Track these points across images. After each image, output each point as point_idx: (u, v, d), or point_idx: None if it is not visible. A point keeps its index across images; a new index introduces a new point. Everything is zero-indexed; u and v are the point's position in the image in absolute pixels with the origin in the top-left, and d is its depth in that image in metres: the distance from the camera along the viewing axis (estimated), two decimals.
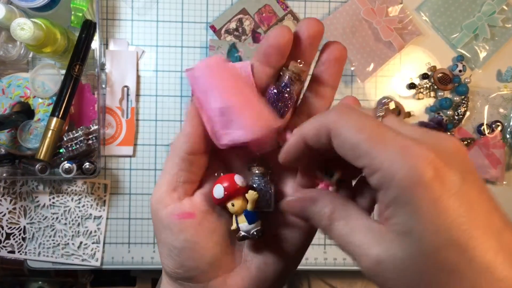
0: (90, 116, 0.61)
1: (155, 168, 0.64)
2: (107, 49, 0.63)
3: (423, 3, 0.66)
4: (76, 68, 0.56)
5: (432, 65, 0.66)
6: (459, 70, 0.64)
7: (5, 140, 0.58)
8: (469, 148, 0.65)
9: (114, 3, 0.63)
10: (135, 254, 0.64)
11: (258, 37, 0.64)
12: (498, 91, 0.66)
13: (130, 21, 0.64)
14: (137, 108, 0.64)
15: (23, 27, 0.50)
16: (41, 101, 0.58)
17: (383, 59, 0.64)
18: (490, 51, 0.66)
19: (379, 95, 0.66)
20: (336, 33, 0.62)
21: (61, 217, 0.63)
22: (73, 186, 0.63)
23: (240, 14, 0.64)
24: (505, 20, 0.65)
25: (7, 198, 0.63)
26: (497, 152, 0.65)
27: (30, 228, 0.63)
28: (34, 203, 0.63)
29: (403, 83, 0.66)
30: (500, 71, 0.67)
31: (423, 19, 0.66)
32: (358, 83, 0.66)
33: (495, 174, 0.65)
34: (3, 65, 0.60)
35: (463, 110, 0.64)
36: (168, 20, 0.64)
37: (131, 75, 0.63)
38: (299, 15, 0.65)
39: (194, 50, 0.64)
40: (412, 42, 0.65)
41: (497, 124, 0.65)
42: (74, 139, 0.57)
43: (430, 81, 0.66)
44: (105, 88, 0.62)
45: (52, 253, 0.63)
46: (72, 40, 0.58)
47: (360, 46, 0.63)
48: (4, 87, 0.58)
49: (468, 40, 0.65)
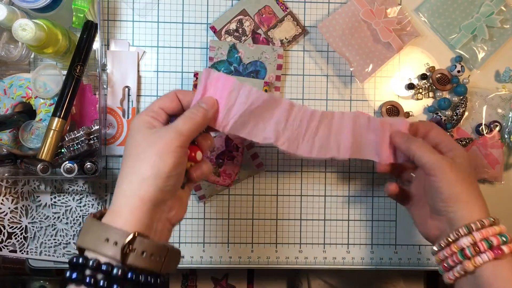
0: (91, 116, 0.61)
1: None
2: (108, 49, 0.63)
3: (421, 4, 0.66)
4: (78, 69, 0.56)
5: (430, 65, 0.66)
6: (457, 71, 0.65)
7: (7, 140, 0.58)
8: (467, 148, 0.66)
9: (115, 4, 0.64)
10: None
11: (258, 38, 0.64)
12: (496, 92, 0.67)
13: (131, 22, 0.64)
14: (138, 108, 0.64)
15: (25, 28, 0.50)
16: (42, 102, 0.58)
17: (382, 60, 0.64)
18: (488, 52, 0.66)
19: (378, 95, 0.66)
20: (335, 34, 0.63)
21: (62, 217, 0.63)
22: (74, 186, 0.63)
23: (240, 15, 0.64)
24: (504, 21, 0.66)
25: (9, 198, 0.63)
26: (496, 152, 0.66)
27: (31, 227, 0.63)
28: (36, 202, 0.63)
29: (402, 83, 0.66)
30: (498, 71, 0.67)
31: (422, 20, 0.66)
32: (357, 84, 0.66)
33: (494, 173, 0.66)
34: (5, 65, 0.61)
35: (461, 111, 0.65)
36: (169, 21, 0.64)
37: (132, 76, 0.63)
38: (299, 16, 0.65)
39: (194, 51, 0.65)
40: (411, 43, 0.66)
41: (495, 124, 0.66)
42: (76, 139, 0.58)
43: (429, 82, 0.66)
44: (106, 89, 0.63)
45: (54, 252, 0.64)
46: (73, 41, 0.58)
47: (359, 47, 0.63)
48: (6, 88, 0.58)
49: (466, 40, 0.66)
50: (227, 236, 0.66)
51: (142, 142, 0.40)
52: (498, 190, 0.67)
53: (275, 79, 0.64)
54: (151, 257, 0.37)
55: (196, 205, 0.65)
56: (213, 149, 0.62)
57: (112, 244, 0.36)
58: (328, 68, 0.66)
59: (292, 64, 0.66)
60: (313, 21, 0.66)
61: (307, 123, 0.52)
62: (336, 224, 0.66)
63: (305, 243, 0.66)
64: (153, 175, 0.39)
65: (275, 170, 0.66)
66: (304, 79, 0.66)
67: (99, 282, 0.35)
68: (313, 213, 0.66)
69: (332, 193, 0.66)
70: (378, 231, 0.66)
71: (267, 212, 0.66)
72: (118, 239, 0.36)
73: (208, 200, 0.65)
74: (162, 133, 0.40)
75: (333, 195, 0.66)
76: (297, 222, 0.66)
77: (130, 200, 0.38)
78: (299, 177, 0.66)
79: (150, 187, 0.38)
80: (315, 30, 0.66)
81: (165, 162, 0.39)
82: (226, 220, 0.66)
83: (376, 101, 0.66)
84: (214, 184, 0.63)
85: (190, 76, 0.64)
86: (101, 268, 0.35)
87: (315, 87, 0.66)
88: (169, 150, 0.39)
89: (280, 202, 0.66)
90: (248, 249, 0.66)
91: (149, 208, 0.38)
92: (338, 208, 0.66)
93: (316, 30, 0.65)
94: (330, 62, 0.66)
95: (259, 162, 0.64)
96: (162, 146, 0.39)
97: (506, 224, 0.49)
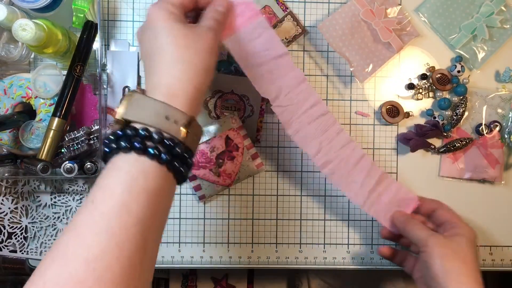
0: (91, 116, 0.61)
1: None
2: (108, 49, 0.63)
3: (421, 4, 0.66)
4: (78, 69, 0.56)
5: (430, 65, 0.66)
6: (457, 71, 0.65)
7: (7, 140, 0.58)
8: (467, 148, 0.66)
9: (115, 5, 0.64)
10: None
11: None
12: (496, 92, 0.67)
13: (131, 22, 0.64)
14: None
15: (25, 28, 0.50)
16: (42, 101, 0.58)
17: (382, 60, 0.64)
18: (488, 52, 0.66)
19: (378, 95, 0.66)
20: (335, 34, 0.63)
21: (62, 217, 0.64)
22: (74, 186, 0.64)
23: None
24: (504, 21, 0.66)
25: (9, 198, 0.63)
26: (496, 152, 0.66)
27: (31, 227, 0.63)
28: (36, 202, 0.63)
29: (402, 83, 0.66)
30: (498, 71, 0.67)
31: (422, 20, 0.66)
32: (357, 84, 0.66)
33: (494, 174, 0.66)
34: (5, 65, 0.61)
35: (461, 111, 0.65)
36: None
37: (132, 76, 0.63)
38: (299, 16, 0.65)
39: None
40: (411, 43, 0.66)
41: (495, 124, 0.66)
42: (76, 139, 0.58)
43: (429, 82, 0.66)
44: (106, 89, 0.63)
45: None
46: (73, 41, 0.58)
47: (359, 47, 0.63)
48: (6, 88, 0.58)
49: (466, 41, 0.66)
50: (227, 236, 0.66)
51: (182, 34, 0.41)
52: (498, 190, 0.67)
53: None
54: (198, 140, 0.40)
55: (196, 205, 0.65)
56: (213, 149, 0.62)
57: (172, 122, 0.37)
58: (328, 68, 0.66)
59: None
60: (313, 21, 0.66)
61: (309, 109, 0.54)
62: (336, 224, 0.66)
63: (305, 243, 0.66)
64: (204, 69, 0.41)
65: (275, 170, 0.66)
66: None
67: (162, 154, 0.36)
68: (313, 213, 0.66)
69: (332, 193, 0.66)
70: (379, 231, 0.66)
71: (267, 212, 0.66)
72: (178, 118, 0.37)
73: (208, 200, 0.65)
74: (202, 31, 0.43)
75: (333, 195, 0.66)
76: (297, 222, 0.66)
77: (185, 86, 0.39)
78: (299, 177, 0.66)
79: (205, 78, 0.41)
80: (315, 30, 0.66)
81: (212, 59, 0.42)
82: (226, 220, 0.66)
83: (376, 101, 0.66)
84: (214, 184, 0.63)
85: None
86: (164, 142, 0.36)
87: (315, 87, 0.66)
88: (214, 48, 0.43)
89: (280, 202, 0.66)
90: (248, 249, 0.66)
91: (200, 96, 0.41)
92: (338, 208, 0.66)
93: (316, 30, 0.65)
94: (330, 62, 0.66)
95: (259, 162, 0.64)
96: (209, 43, 0.42)
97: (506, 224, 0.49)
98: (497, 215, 0.67)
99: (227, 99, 0.63)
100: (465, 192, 0.67)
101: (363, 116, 0.66)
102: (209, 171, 0.62)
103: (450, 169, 0.67)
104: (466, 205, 0.67)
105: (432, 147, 0.65)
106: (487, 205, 0.67)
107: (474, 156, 0.66)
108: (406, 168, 0.67)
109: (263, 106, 0.64)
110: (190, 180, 0.63)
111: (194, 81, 0.40)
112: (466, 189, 0.67)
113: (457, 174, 0.67)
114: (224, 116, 0.63)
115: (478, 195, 0.67)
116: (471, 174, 0.66)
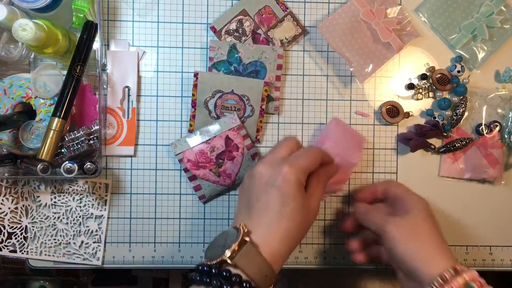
0: (91, 116, 0.61)
1: (156, 168, 0.64)
2: (108, 50, 0.63)
3: (421, 4, 0.66)
4: (78, 69, 0.56)
5: (430, 65, 0.66)
6: (457, 71, 0.65)
7: (7, 140, 0.58)
8: (467, 148, 0.66)
9: (115, 4, 0.64)
10: (136, 253, 0.64)
11: (258, 38, 0.64)
12: (496, 92, 0.67)
13: (131, 22, 0.64)
14: (138, 109, 0.64)
15: (25, 28, 0.50)
16: (42, 102, 0.58)
17: (382, 60, 0.64)
18: (488, 52, 0.66)
19: (378, 95, 0.66)
20: (335, 34, 0.63)
21: (62, 217, 0.64)
22: (74, 186, 0.63)
23: (240, 15, 0.64)
24: (504, 21, 0.66)
25: (9, 198, 0.63)
26: (496, 152, 0.66)
27: (31, 227, 0.63)
28: (36, 202, 0.63)
29: (402, 83, 0.66)
30: (498, 71, 0.67)
31: (422, 20, 0.66)
32: (357, 84, 0.66)
33: (494, 174, 0.66)
34: (4, 65, 0.61)
35: (461, 111, 0.65)
36: (169, 21, 0.64)
37: (132, 76, 0.63)
38: (299, 16, 0.65)
39: (194, 51, 0.65)
40: (410, 43, 0.66)
41: (495, 124, 0.66)
42: (76, 139, 0.58)
43: (429, 82, 0.66)
44: (106, 89, 0.63)
45: (54, 252, 0.64)
46: (73, 41, 0.58)
47: (359, 47, 0.63)
48: (5, 88, 0.58)
49: (466, 41, 0.66)
50: None
51: (300, 205, 0.47)
52: (498, 190, 0.67)
53: (275, 79, 0.64)
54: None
55: (196, 205, 0.65)
56: (213, 149, 0.62)
57: (268, 280, 0.44)
58: (328, 68, 0.66)
59: (292, 64, 0.66)
60: (313, 21, 0.66)
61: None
62: (336, 224, 0.66)
63: (305, 243, 0.66)
64: (300, 241, 0.54)
65: None
66: (304, 79, 0.66)
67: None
68: None
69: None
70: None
71: None
72: (273, 280, 0.45)
73: (208, 200, 0.65)
74: (315, 207, 0.50)
75: (333, 195, 0.66)
76: None
77: (285, 254, 0.47)
78: None
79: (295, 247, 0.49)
80: (315, 30, 0.66)
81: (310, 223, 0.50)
82: (226, 220, 0.66)
83: (376, 101, 0.67)
84: (214, 184, 0.63)
85: (190, 76, 0.64)
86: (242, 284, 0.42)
87: (315, 87, 0.66)
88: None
89: None
90: None
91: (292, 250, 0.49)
92: (339, 208, 0.67)
93: (316, 30, 0.65)
94: (330, 62, 0.66)
95: None
96: (313, 219, 0.50)
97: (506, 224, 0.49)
98: (497, 215, 0.67)
99: (227, 99, 0.63)
100: (465, 192, 0.67)
101: (363, 116, 0.66)
102: (209, 171, 0.62)
103: (450, 169, 0.67)
104: (466, 205, 0.67)
105: (432, 147, 0.66)
106: (487, 205, 0.67)
107: (474, 156, 0.66)
108: (406, 168, 0.67)
109: (263, 106, 0.64)
110: (190, 180, 0.63)
111: (291, 250, 0.47)
112: (466, 189, 0.67)
113: (457, 174, 0.67)
114: (224, 116, 0.63)
115: (478, 195, 0.67)
116: (471, 174, 0.66)
